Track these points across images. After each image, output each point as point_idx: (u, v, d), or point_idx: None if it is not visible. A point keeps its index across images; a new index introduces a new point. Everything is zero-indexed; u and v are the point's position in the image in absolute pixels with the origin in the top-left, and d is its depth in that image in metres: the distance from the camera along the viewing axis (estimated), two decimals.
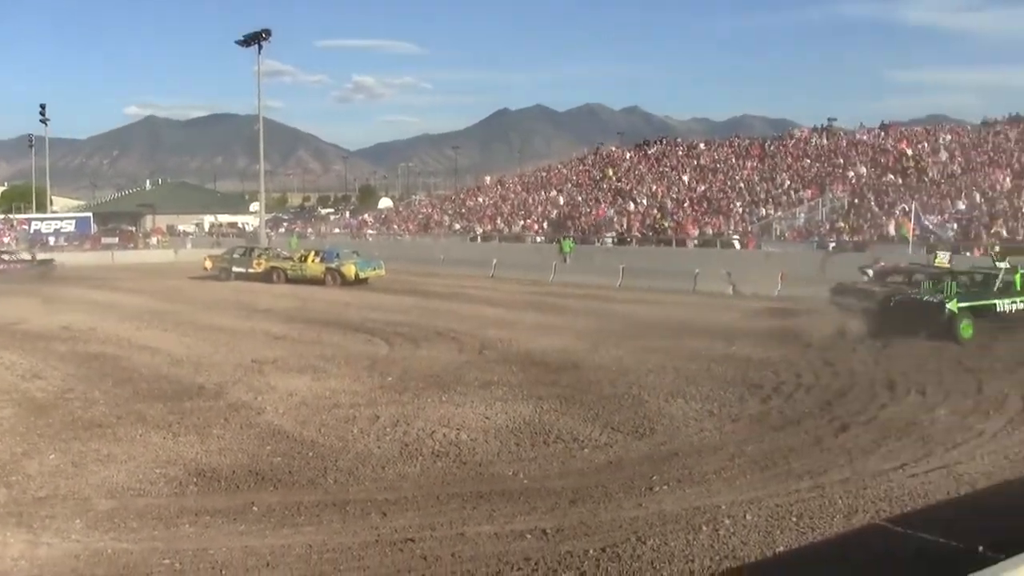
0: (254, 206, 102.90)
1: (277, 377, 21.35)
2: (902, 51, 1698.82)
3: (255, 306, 36.59)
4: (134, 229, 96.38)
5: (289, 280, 47.33)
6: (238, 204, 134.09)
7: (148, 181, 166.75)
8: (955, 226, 45.61)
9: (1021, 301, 26.67)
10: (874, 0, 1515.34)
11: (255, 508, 12.08)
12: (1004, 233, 42.67)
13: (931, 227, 45.24)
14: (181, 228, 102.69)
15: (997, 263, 27.44)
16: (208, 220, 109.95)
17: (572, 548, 10.56)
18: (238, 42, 67.53)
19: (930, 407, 17.73)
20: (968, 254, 40.87)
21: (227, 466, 14.12)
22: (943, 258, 32.79)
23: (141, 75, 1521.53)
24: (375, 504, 12.24)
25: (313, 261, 47.56)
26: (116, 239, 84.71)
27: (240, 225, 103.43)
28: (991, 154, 53.27)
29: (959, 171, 51.95)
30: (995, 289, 26.64)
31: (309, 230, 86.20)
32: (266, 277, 48.11)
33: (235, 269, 49.89)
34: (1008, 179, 48.82)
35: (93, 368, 22.69)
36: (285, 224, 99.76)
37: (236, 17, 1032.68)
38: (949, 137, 59.03)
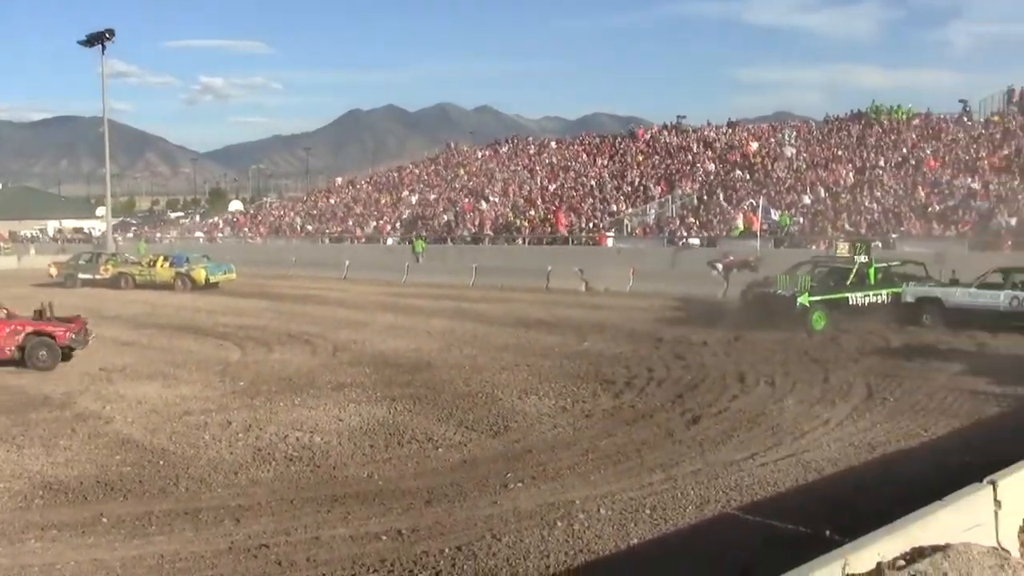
0: (101, 210, 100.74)
1: (126, 385, 20.99)
2: (748, 50, 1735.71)
3: (103, 312, 35.76)
4: None
5: (138, 286, 46.33)
6: (84, 209, 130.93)
7: None
8: (801, 220, 46.61)
9: (874, 294, 27.46)
10: (717, 1, 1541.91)
11: (104, 520, 11.87)
12: (847, 227, 43.77)
13: (779, 221, 46.18)
14: (25, 234, 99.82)
15: (855, 257, 28.10)
16: (53, 225, 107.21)
17: (428, 548, 10.62)
18: (81, 42, 65.55)
19: (779, 397, 18.24)
20: (814, 248, 41.89)
21: (75, 478, 13.85)
22: (843, 248, 33.53)
23: None
24: (228, 511, 12.14)
25: (162, 266, 46.72)
26: None
27: (87, 230, 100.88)
28: (834, 150, 54.61)
29: (804, 167, 53.12)
30: (848, 283, 27.37)
31: (158, 234, 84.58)
32: (114, 283, 47.08)
33: (82, 275, 48.68)
34: (851, 174, 50.10)
35: None
36: (133, 229, 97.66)
37: (78, 16, 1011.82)
38: (795, 133, 60.35)
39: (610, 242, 52.02)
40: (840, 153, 53.83)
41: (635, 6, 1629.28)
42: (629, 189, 58.60)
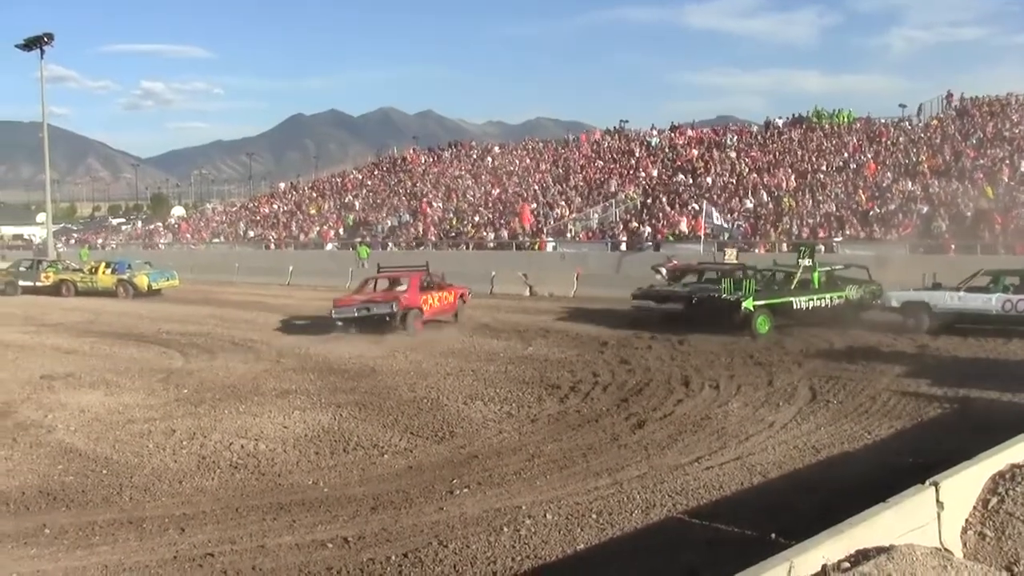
0: (41, 217, 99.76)
1: (68, 393, 20.77)
2: (690, 55, 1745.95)
3: (44, 320, 35.47)
4: None
5: (80, 293, 45.94)
6: (24, 215, 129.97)
7: None
8: (743, 224, 46.96)
9: (818, 298, 27.64)
10: (657, 5, 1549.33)
11: (47, 530, 11.74)
12: (793, 229, 44.17)
13: (723, 225, 46.52)
14: None
15: (799, 261, 28.29)
16: None
17: (374, 555, 10.59)
18: (18, 46, 64.96)
19: (723, 401, 18.33)
20: (757, 251, 42.23)
21: (16, 488, 13.68)
22: (731, 255, 33.91)
23: None
24: (173, 520, 12.04)
25: (104, 273, 46.26)
26: None
27: (27, 237, 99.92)
28: (776, 154, 55.10)
29: (746, 170, 53.53)
30: (792, 287, 27.57)
31: (99, 241, 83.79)
32: (55, 290, 46.57)
33: (22, 283, 48.15)
34: (793, 178, 50.56)
35: None
36: (75, 235, 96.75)
37: (14, 20, 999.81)
38: (736, 138, 60.84)
39: (550, 247, 52.17)
40: (782, 157, 54.32)
41: (576, 11, 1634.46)
42: (572, 193, 58.78)
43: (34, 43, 64.55)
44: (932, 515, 8.99)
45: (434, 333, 28.97)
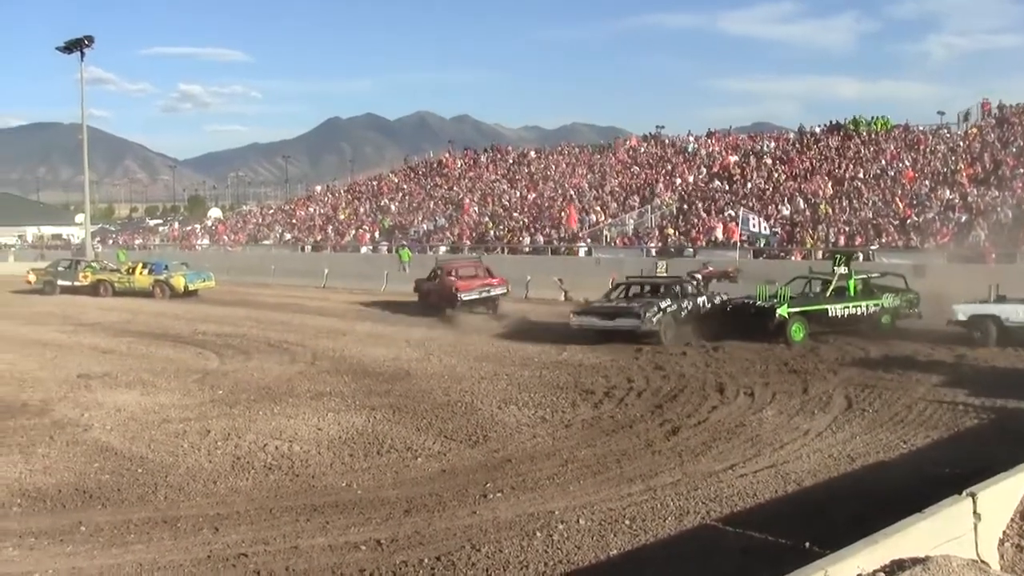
0: (79, 217, 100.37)
1: (105, 392, 20.92)
2: (726, 61, 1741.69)
3: (81, 320, 35.73)
4: None
5: (117, 293, 46.34)
6: (63, 216, 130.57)
7: None
8: (779, 231, 46.76)
9: (854, 306, 27.40)
10: (693, 11, 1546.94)
11: (83, 528, 11.82)
12: (830, 237, 43.97)
13: (758, 232, 46.27)
14: (2, 241, 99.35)
15: (835, 268, 28.07)
16: (31, 232, 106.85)
17: (407, 558, 10.59)
18: (59, 48, 65.48)
19: (758, 408, 18.20)
20: (792, 258, 42.06)
21: (53, 485, 13.79)
22: (662, 267, 33.91)
23: None
24: (207, 519, 12.10)
25: (141, 273, 46.61)
26: None
27: (65, 237, 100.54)
28: (813, 161, 54.83)
29: (783, 178, 53.30)
30: (828, 294, 27.38)
31: (137, 241, 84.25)
32: (93, 290, 47.03)
33: (60, 282, 48.68)
34: (830, 185, 50.30)
35: None
36: (113, 236, 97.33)
37: (56, 23, 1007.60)
38: (773, 144, 60.60)
39: (582, 252, 52.10)
40: (819, 164, 54.05)
41: (614, 16, 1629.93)
42: (608, 199, 58.69)
43: (74, 46, 65.05)
44: (969, 526, 8.91)
45: (468, 337, 29.00)
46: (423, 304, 37.35)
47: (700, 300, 28.79)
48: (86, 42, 64.87)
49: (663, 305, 27.26)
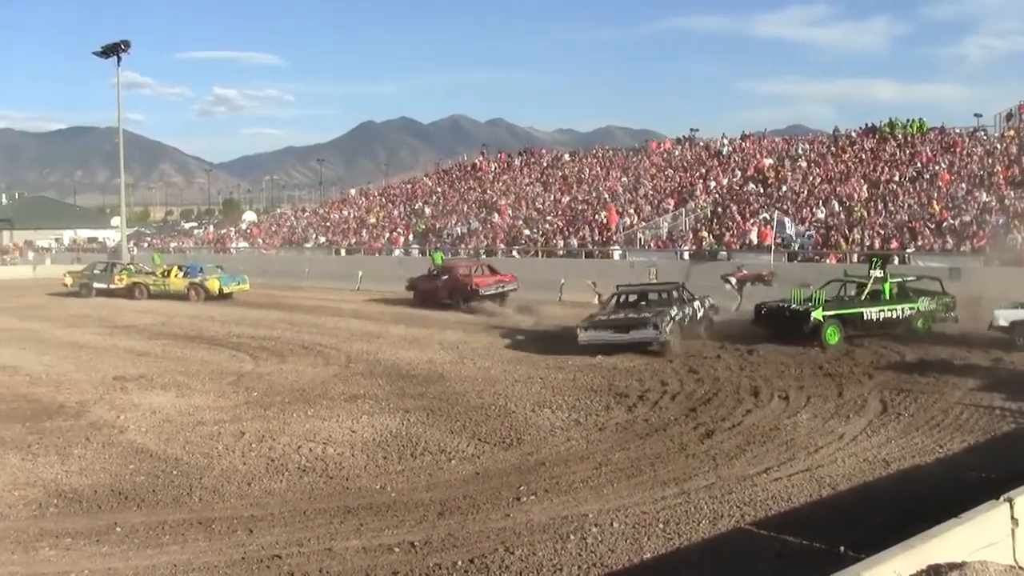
0: (115, 220, 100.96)
1: (140, 394, 21.06)
2: (760, 63, 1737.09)
3: (117, 322, 35.96)
4: None
5: (152, 296, 46.61)
6: (99, 219, 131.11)
7: (4, 196, 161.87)
8: (813, 234, 46.50)
9: (889, 309, 27.23)
10: (727, 14, 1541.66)
11: (118, 529, 11.90)
12: (865, 240, 43.69)
13: (793, 235, 46.08)
14: (40, 244, 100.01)
15: (870, 272, 27.90)
16: (68, 235, 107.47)
17: (440, 560, 10.61)
18: (96, 53, 65.86)
19: (793, 412, 18.13)
20: (828, 261, 41.84)
21: (89, 486, 13.90)
22: (653, 273, 33.79)
23: None
24: (241, 521, 12.16)
25: (176, 276, 46.85)
26: None
27: (101, 240, 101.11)
28: (848, 163, 54.51)
29: (818, 180, 53.02)
30: (863, 298, 27.23)
31: (172, 244, 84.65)
32: (128, 293, 47.38)
33: (96, 285, 49.07)
34: (865, 188, 49.99)
35: None
36: (148, 239, 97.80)
37: (92, 28, 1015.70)
38: (808, 147, 60.28)
39: (616, 255, 51.98)
40: (854, 167, 53.74)
41: (647, 19, 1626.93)
42: (642, 202, 58.56)
43: (111, 51, 65.41)
44: (1006, 532, 8.83)
45: (502, 339, 29.01)
46: (419, 300, 41.53)
47: (695, 305, 28.79)
48: (123, 47, 65.21)
49: (673, 314, 26.97)
